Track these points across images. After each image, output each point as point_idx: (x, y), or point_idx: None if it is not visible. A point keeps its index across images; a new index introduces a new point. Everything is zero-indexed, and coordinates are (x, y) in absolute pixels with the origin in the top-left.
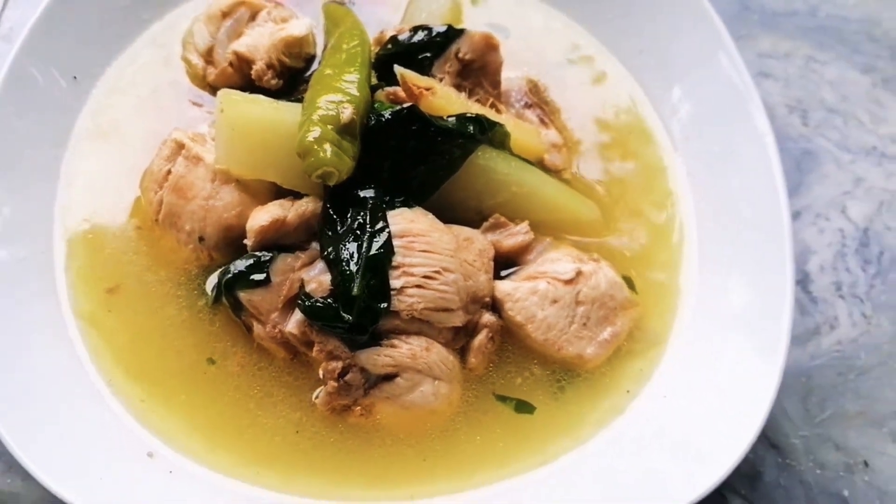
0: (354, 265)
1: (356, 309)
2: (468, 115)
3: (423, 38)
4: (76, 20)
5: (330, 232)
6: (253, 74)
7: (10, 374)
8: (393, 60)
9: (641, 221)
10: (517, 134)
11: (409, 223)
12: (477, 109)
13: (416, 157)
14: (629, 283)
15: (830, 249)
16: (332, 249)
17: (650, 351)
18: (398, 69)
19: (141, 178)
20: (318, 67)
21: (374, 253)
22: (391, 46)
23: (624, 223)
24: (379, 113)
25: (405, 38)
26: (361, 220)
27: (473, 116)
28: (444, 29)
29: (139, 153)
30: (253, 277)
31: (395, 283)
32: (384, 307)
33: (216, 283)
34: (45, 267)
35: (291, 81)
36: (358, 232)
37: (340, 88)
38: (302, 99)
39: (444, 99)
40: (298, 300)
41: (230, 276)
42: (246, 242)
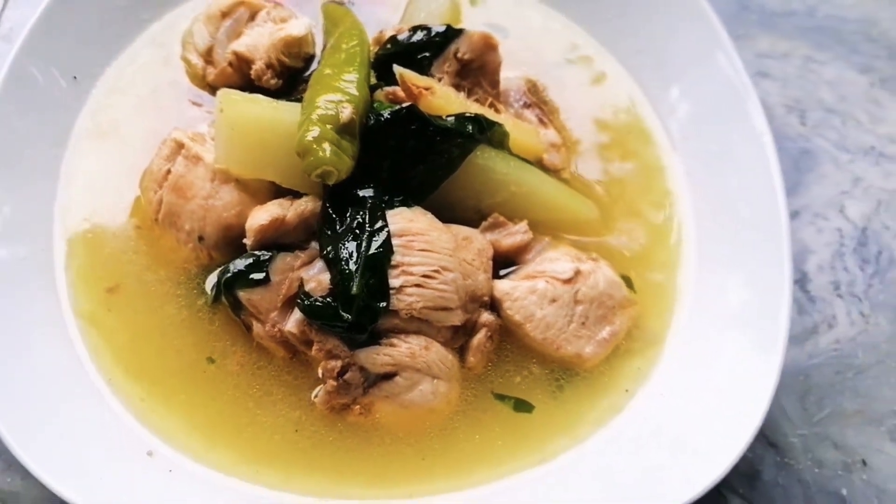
0: (353, 264)
1: (355, 308)
2: (467, 114)
3: (422, 37)
4: (76, 20)
5: (329, 231)
6: (252, 74)
7: (10, 373)
8: (392, 60)
9: (640, 221)
10: (516, 133)
11: (408, 222)
12: (476, 109)
13: (415, 156)
14: (628, 282)
15: (828, 249)
16: (331, 248)
17: (649, 350)
18: (397, 69)
19: (140, 177)
20: (317, 67)
21: (373, 252)
22: (390, 46)
23: (622, 223)
24: (378, 112)
25: (404, 37)
26: (360, 219)
27: (472, 116)
28: (442, 29)
29: (139, 153)
30: (252, 277)
31: (394, 282)
32: (383, 306)
33: (216, 282)
34: (45, 266)
35: (291, 81)
36: (357, 231)
37: (340, 88)
38: (301, 99)
39: (443, 98)
40: (298, 299)
41: (230, 275)
42: (245, 242)
